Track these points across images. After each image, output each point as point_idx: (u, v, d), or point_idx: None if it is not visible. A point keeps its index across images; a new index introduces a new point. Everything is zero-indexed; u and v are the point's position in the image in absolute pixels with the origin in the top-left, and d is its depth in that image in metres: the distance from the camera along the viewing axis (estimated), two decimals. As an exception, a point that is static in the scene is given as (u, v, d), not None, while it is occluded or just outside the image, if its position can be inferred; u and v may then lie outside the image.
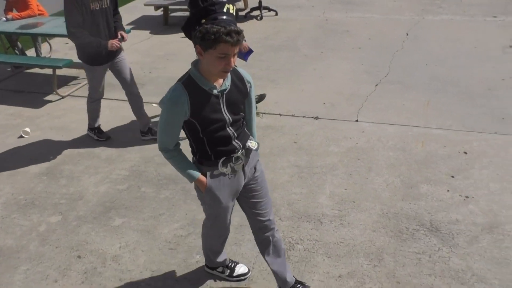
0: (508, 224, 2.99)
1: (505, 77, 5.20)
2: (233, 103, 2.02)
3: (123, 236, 3.10)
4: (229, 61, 1.82)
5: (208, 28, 1.74)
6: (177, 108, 1.90)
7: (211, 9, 1.82)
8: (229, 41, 1.75)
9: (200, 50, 1.82)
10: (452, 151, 3.86)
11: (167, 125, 1.97)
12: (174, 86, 1.93)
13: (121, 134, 4.46)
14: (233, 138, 2.06)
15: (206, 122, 1.96)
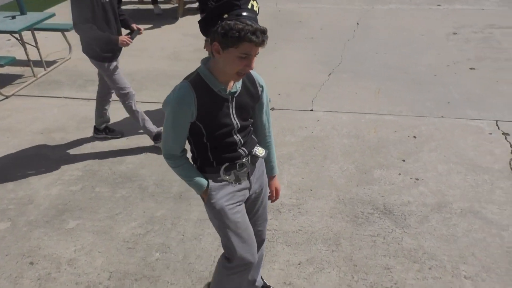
0: (455, 203, 3.15)
1: (450, 63, 5.44)
2: (242, 108, 1.85)
3: (78, 239, 3.00)
4: (250, 62, 1.68)
5: (232, 24, 1.59)
6: (184, 108, 1.73)
7: (236, 4, 1.63)
8: (254, 41, 1.60)
9: (218, 48, 1.65)
10: (402, 136, 4.01)
11: (173, 128, 1.79)
12: (180, 84, 1.77)
13: (71, 133, 4.31)
14: (239, 145, 1.90)
15: (213, 126, 1.80)
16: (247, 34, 1.58)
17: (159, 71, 5.67)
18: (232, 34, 1.59)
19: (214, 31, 1.63)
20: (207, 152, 1.88)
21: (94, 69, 5.79)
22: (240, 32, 1.58)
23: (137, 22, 7.61)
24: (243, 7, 1.63)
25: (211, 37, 1.66)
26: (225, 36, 1.60)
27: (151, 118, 4.38)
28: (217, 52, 1.67)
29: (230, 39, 1.60)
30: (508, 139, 3.86)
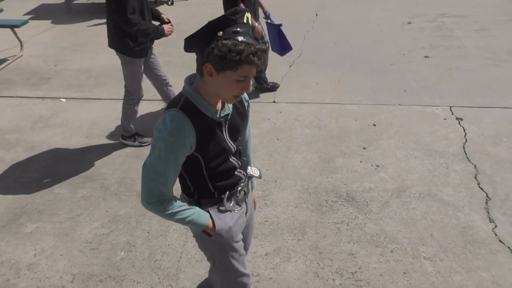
0: (414, 187, 3.26)
1: (405, 51, 5.61)
2: (234, 129, 1.68)
3: (38, 242, 2.90)
4: (247, 85, 1.48)
5: (230, 45, 1.38)
6: (182, 141, 1.48)
7: (232, 19, 1.41)
8: (257, 64, 1.42)
9: (211, 70, 1.44)
10: (362, 124, 4.10)
11: (168, 167, 1.52)
12: (171, 114, 1.49)
13: (27, 134, 4.14)
14: (237, 168, 1.74)
15: (211, 155, 1.60)
16: (248, 56, 1.39)
17: (117, 67, 5.48)
18: (232, 57, 1.38)
19: (208, 53, 1.41)
20: (206, 183, 1.68)
21: (48, 67, 5.60)
22: (241, 54, 1.38)
23: (93, 16, 7.41)
24: (239, 21, 1.43)
25: (202, 57, 1.45)
26: (223, 59, 1.39)
27: (108, 114, 4.29)
28: (210, 75, 1.45)
29: (229, 63, 1.39)
30: (462, 124, 4.03)
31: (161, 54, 5.83)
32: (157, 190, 1.54)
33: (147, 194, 1.55)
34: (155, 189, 1.54)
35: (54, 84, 5.12)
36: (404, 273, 2.58)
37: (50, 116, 4.44)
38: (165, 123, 1.49)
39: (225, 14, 1.41)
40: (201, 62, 1.45)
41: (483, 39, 5.93)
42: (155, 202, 1.55)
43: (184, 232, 2.93)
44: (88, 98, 4.78)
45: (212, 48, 1.40)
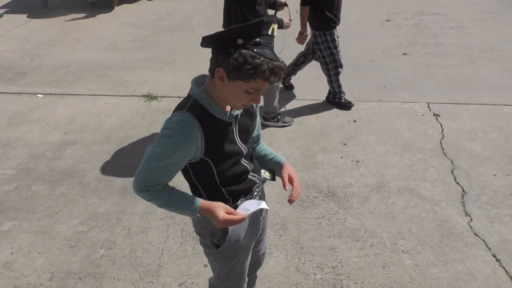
0: (393, 182, 3.32)
1: (384, 48, 5.69)
2: (244, 130, 1.61)
3: (15, 240, 2.84)
4: (257, 97, 1.43)
5: (247, 56, 1.31)
6: (187, 144, 1.42)
7: (256, 29, 1.33)
8: (271, 81, 1.36)
9: (223, 76, 1.37)
10: (343, 120, 4.15)
11: (167, 165, 1.45)
12: (178, 116, 1.44)
13: (3, 130, 4.04)
14: (250, 171, 1.65)
15: (222, 159, 1.53)
16: (265, 72, 1.32)
17: (96, 62, 5.44)
18: (246, 70, 1.32)
19: (223, 58, 1.35)
20: (219, 189, 1.59)
21: (24, 62, 5.47)
22: (257, 69, 1.31)
23: (70, 11, 7.27)
24: (264, 32, 1.34)
25: (217, 60, 1.38)
26: (237, 70, 1.33)
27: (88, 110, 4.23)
28: (221, 80, 1.39)
29: (243, 74, 1.33)
30: (439, 120, 4.12)
31: (139, 49, 5.79)
32: (150, 180, 1.47)
33: (139, 180, 1.47)
34: (149, 179, 1.47)
35: (30, 79, 5.01)
36: (383, 266, 2.63)
37: (26, 112, 4.34)
38: (171, 124, 1.43)
39: (251, 23, 1.33)
40: (215, 64, 1.39)
41: (459, 36, 6.05)
42: (147, 190, 1.48)
43: (165, 228, 2.92)
44: (65, 94, 4.69)
45: (229, 55, 1.33)
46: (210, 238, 1.71)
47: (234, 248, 1.71)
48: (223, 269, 1.79)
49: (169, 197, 1.51)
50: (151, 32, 6.37)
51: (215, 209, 1.50)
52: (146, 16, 7.01)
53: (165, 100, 4.54)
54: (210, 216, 1.52)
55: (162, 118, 4.17)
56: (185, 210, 1.54)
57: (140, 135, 3.93)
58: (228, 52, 1.33)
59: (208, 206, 1.52)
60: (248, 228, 1.73)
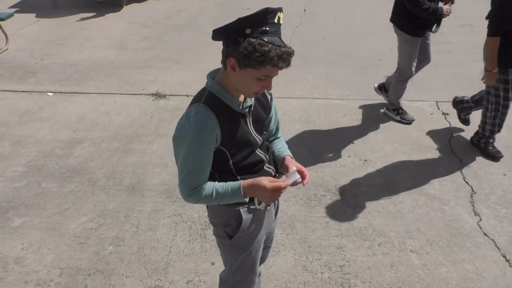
0: (401, 182, 3.31)
1: (392, 47, 5.64)
2: (258, 121, 1.66)
3: (25, 236, 2.88)
4: (269, 84, 1.48)
5: (256, 45, 1.36)
6: (207, 135, 1.48)
7: (262, 18, 1.38)
8: (281, 66, 1.41)
9: (235, 65, 1.44)
10: (351, 119, 4.14)
11: (198, 161, 1.52)
12: (195, 109, 1.50)
13: (13, 128, 4.08)
14: (265, 162, 1.70)
15: (237, 148, 1.59)
16: (273, 58, 1.38)
17: (105, 60, 5.47)
18: (256, 57, 1.37)
19: (234, 48, 1.41)
20: (236, 178, 1.63)
21: (34, 60, 5.51)
22: (265, 56, 1.37)
23: (79, 10, 7.32)
24: (269, 21, 1.40)
25: (227, 51, 1.44)
26: (247, 58, 1.39)
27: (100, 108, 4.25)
28: (232, 69, 1.46)
29: (253, 62, 1.39)
30: (448, 119, 4.09)
31: (148, 48, 5.81)
32: (191, 184, 1.55)
33: (183, 189, 1.57)
34: (190, 183, 1.55)
35: (40, 78, 5.05)
36: (391, 266, 2.62)
37: (36, 110, 4.39)
38: (188, 118, 1.49)
39: (256, 12, 1.38)
40: (226, 55, 1.46)
41: (468, 34, 6.00)
42: (192, 194, 1.56)
43: (173, 226, 2.94)
44: (75, 92, 4.73)
45: (238, 44, 1.39)
46: (224, 228, 1.74)
47: (248, 238, 1.74)
48: (235, 261, 1.81)
49: (212, 193, 1.58)
50: (159, 31, 6.39)
51: (260, 181, 1.55)
52: (155, 15, 7.04)
53: (173, 98, 4.55)
54: (257, 191, 1.56)
55: (170, 117, 4.19)
56: (232, 198, 1.59)
57: (149, 133, 3.95)
58: (237, 42, 1.39)
59: (251, 183, 1.57)
60: (263, 220, 1.76)
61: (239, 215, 1.69)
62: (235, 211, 1.69)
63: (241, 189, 1.57)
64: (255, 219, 1.72)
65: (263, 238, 1.84)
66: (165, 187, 3.29)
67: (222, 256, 1.89)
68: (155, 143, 3.81)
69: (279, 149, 1.82)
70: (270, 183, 1.54)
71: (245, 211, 1.69)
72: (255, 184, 1.56)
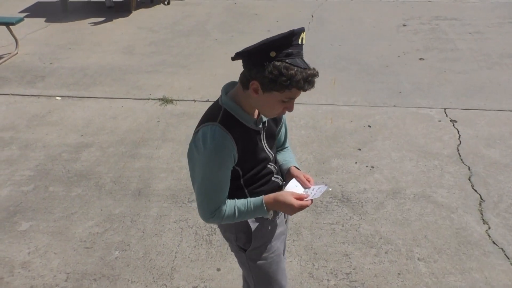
0: (408, 189, 3.28)
1: (400, 53, 5.64)
2: (271, 136, 1.65)
3: (32, 241, 2.89)
4: (291, 106, 1.46)
5: (281, 68, 1.33)
6: (226, 156, 1.45)
7: (288, 40, 1.34)
8: (306, 89, 1.38)
9: (258, 88, 1.39)
10: (357, 125, 4.12)
11: (217, 184, 1.49)
12: (211, 129, 1.44)
13: (22, 132, 4.12)
14: (274, 173, 1.68)
15: (251, 165, 1.57)
16: (299, 82, 1.35)
17: (113, 65, 5.51)
18: (282, 81, 1.34)
19: (258, 72, 1.37)
20: (243, 191, 1.61)
21: (43, 65, 5.56)
22: (292, 79, 1.34)
23: (89, 15, 7.39)
24: (294, 43, 1.36)
25: (251, 74, 1.39)
26: (273, 82, 1.35)
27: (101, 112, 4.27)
28: (255, 92, 1.41)
29: (278, 85, 1.35)
30: (456, 126, 4.06)
31: (155, 53, 5.84)
32: (212, 206, 1.52)
33: (204, 211, 1.53)
34: (211, 206, 1.52)
35: (49, 82, 5.09)
36: (399, 274, 2.59)
37: (45, 114, 4.42)
38: (205, 140, 1.43)
39: (282, 35, 1.33)
40: (248, 77, 1.41)
41: (476, 42, 5.97)
42: (213, 216, 1.53)
43: (179, 231, 2.93)
44: (83, 97, 4.76)
45: (264, 68, 1.35)
46: (236, 242, 1.72)
47: (261, 249, 1.72)
48: (256, 276, 1.78)
49: (235, 212, 1.55)
50: (166, 36, 6.43)
51: (286, 199, 1.53)
52: (162, 20, 7.08)
53: (180, 103, 4.57)
54: (282, 207, 1.54)
55: (177, 122, 4.20)
56: (255, 214, 1.57)
57: (155, 138, 3.96)
58: (262, 65, 1.35)
59: (275, 199, 1.54)
60: (274, 228, 1.73)
61: (247, 226, 1.66)
62: (242, 223, 1.65)
63: (264, 206, 1.54)
64: (265, 228, 1.70)
65: (282, 248, 1.80)
66: (171, 192, 3.30)
67: (245, 275, 1.85)
68: (162, 148, 3.82)
69: (285, 159, 1.80)
70: (297, 202, 1.52)
71: (252, 221, 1.66)
72: (280, 201, 1.53)
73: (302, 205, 1.53)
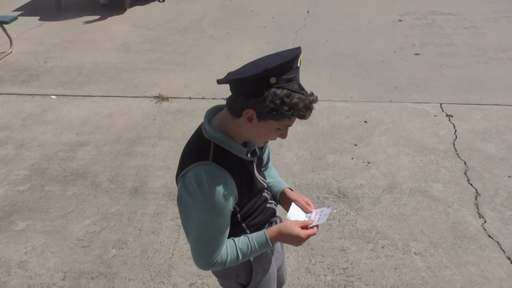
0: (404, 184, 3.29)
1: (396, 49, 5.64)
2: (260, 163, 1.53)
3: (29, 240, 2.88)
4: (285, 133, 1.34)
5: (283, 96, 1.21)
6: (226, 201, 1.30)
7: (290, 66, 1.22)
8: (306, 118, 1.28)
9: (253, 117, 1.26)
10: (354, 121, 4.12)
11: (218, 231, 1.33)
12: (205, 170, 1.28)
13: (17, 131, 4.10)
14: (268, 199, 1.58)
15: (247, 199, 1.44)
16: (301, 110, 1.24)
17: (108, 63, 5.49)
18: (284, 111, 1.22)
19: (257, 100, 1.22)
20: (241, 226, 1.49)
21: (38, 63, 5.54)
22: (294, 108, 1.23)
23: (83, 13, 7.35)
24: (294, 66, 1.24)
25: (246, 102, 1.24)
26: (273, 111, 1.23)
27: (98, 111, 4.26)
28: (249, 121, 1.27)
29: (279, 115, 1.23)
30: (452, 121, 4.07)
31: (151, 51, 5.82)
32: (213, 255, 1.36)
33: (204, 262, 1.37)
34: (211, 255, 1.36)
35: (44, 81, 5.07)
36: (395, 268, 2.60)
37: (40, 113, 4.40)
38: (201, 183, 1.26)
39: (285, 60, 1.21)
40: (243, 105, 1.25)
41: (472, 36, 5.98)
42: (215, 264, 1.38)
43: (176, 229, 2.93)
44: (78, 95, 4.74)
45: (264, 97, 1.21)
46: (236, 280, 1.62)
47: (261, 283, 1.64)
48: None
49: (238, 255, 1.41)
50: (162, 33, 6.40)
51: (291, 230, 1.43)
52: (158, 17, 7.05)
53: (176, 101, 4.56)
54: (288, 239, 1.44)
55: (173, 119, 4.20)
56: (260, 251, 1.45)
57: (151, 136, 3.96)
58: (261, 93, 1.22)
59: (278, 232, 1.44)
60: (271, 255, 1.66)
61: (248, 262, 1.56)
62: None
63: (269, 242, 1.42)
64: (264, 259, 1.61)
65: (275, 272, 1.72)
66: (168, 189, 3.29)
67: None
68: (158, 146, 3.81)
69: (274, 180, 1.70)
70: (304, 232, 1.43)
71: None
72: (285, 234, 1.43)
73: (309, 234, 1.43)
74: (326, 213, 1.51)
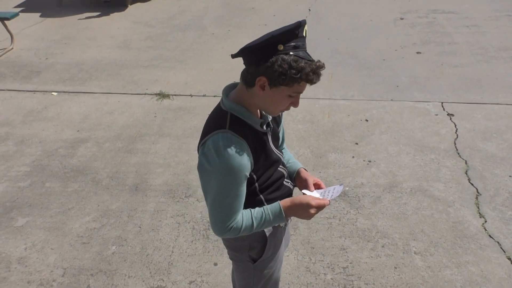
0: (405, 183, 3.29)
1: (397, 47, 5.63)
2: (275, 136, 1.58)
3: (29, 236, 2.88)
4: (297, 101, 1.41)
5: (291, 61, 1.29)
6: (242, 166, 1.36)
7: (295, 33, 1.31)
8: (315, 82, 1.34)
9: (265, 84, 1.33)
10: (355, 119, 4.12)
11: (234, 197, 1.39)
12: (223, 137, 1.35)
13: (17, 127, 4.10)
14: (285, 176, 1.62)
15: (264, 169, 1.49)
16: (309, 74, 1.31)
17: (109, 60, 5.48)
18: (292, 74, 1.29)
19: (267, 67, 1.30)
20: (259, 197, 1.54)
21: (39, 60, 5.53)
22: (302, 72, 1.30)
23: (84, 9, 7.33)
24: (300, 35, 1.32)
25: (257, 70, 1.32)
26: (282, 75, 1.30)
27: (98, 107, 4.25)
28: (262, 89, 1.35)
29: (288, 79, 1.30)
30: (453, 120, 4.06)
31: (152, 48, 5.81)
32: (229, 220, 1.42)
33: (220, 226, 1.42)
34: (227, 220, 1.42)
35: (45, 77, 5.07)
36: (395, 267, 2.60)
37: (41, 109, 4.40)
38: (218, 150, 1.34)
39: (289, 28, 1.30)
40: (254, 74, 1.34)
41: (474, 35, 5.96)
42: (230, 230, 1.43)
43: (176, 226, 2.93)
44: (79, 92, 4.74)
45: (272, 62, 1.30)
46: (248, 252, 1.65)
47: (270, 259, 1.69)
48: (257, 284, 1.75)
49: (252, 223, 1.46)
50: (163, 30, 6.40)
51: (301, 199, 1.48)
52: (159, 14, 7.04)
53: (176, 98, 4.55)
54: (299, 210, 1.47)
55: (173, 116, 4.19)
56: (274, 222, 1.50)
57: (152, 133, 3.95)
58: (270, 59, 1.30)
59: (292, 204, 1.48)
60: (283, 235, 1.71)
61: (263, 236, 1.61)
62: (259, 233, 1.59)
63: (282, 212, 1.47)
64: (277, 237, 1.66)
65: (283, 254, 1.78)
66: (168, 187, 3.29)
67: (242, 281, 1.77)
68: (158, 143, 3.81)
69: (288, 161, 1.74)
70: (315, 201, 1.47)
71: (269, 230, 1.61)
72: (297, 203, 1.47)
73: (320, 204, 1.47)
74: (338, 190, 1.55)
